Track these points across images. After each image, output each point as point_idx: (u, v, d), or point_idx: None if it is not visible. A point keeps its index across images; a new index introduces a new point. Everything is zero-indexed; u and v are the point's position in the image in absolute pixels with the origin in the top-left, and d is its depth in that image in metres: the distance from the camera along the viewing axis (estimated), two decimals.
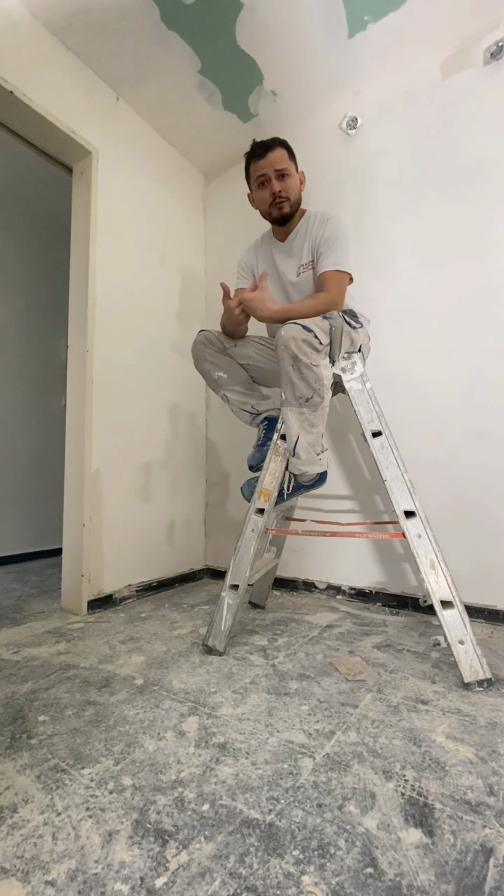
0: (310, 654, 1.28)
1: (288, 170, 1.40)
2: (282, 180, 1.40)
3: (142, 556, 1.98)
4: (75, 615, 1.68)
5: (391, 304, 1.83)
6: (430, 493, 1.62)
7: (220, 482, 2.35)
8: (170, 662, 1.23)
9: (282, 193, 1.39)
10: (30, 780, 0.75)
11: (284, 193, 1.40)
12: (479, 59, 1.69)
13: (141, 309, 2.06)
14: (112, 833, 0.63)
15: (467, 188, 1.69)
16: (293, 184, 1.42)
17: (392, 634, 1.46)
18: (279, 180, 1.39)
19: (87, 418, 1.76)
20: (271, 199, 1.41)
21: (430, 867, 0.57)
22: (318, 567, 1.96)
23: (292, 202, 1.42)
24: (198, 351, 1.45)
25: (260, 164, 1.39)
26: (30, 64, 1.63)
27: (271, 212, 1.44)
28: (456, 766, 0.78)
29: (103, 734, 0.88)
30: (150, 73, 1.89)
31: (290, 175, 1.41)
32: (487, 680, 1.06)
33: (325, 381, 1.21)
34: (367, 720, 0.93)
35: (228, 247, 2.37)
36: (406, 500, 1.17)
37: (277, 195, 1.40)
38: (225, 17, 1.66)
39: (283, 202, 1.41)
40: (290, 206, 1.42)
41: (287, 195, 1.40)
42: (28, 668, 1.19)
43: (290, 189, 1.41)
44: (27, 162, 2.43)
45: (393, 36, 1.74)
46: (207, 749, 0.83)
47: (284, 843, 0.61)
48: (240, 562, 1.29)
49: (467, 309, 1.67)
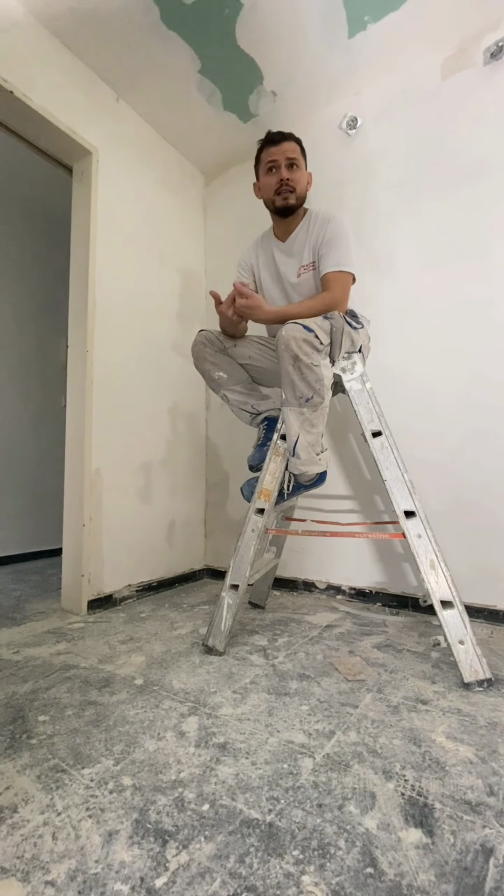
0: (310, 654, 1.28)
1: (299, 162, 1.41)
2: (291, 170, 1.41)
3: (142, 556, 1.98)
4: (75, 615, 1.68)
5: (391, 305, 1.83)
6: (430, 493, 1.62)
7: (220, 482, 2.35)
8: (170, 662, 1.23)
9: (289, 182, 1.40)
10: (30, 780, 0.75)
11: (292, 183, 1.41)
12: (479, 59, 1.69)
13: (141, 309, 2.06)
14: (112, 833, 0.63)
15: (467, 188, 1.69)
16: (301, 177, 1.43)
17: (392, 634, 1.46)
18: (289, 169, 1.40)
19: (87, 418, 1.76)
20: (278, 185, 1.41)
21: (430, 867, 0.57)
22: (318, 567, 1.96)
23: (297, 195, 1.42)
24: (198, 351, 1.45)
25: (273, 150, 1.41)
26: (30, 64, 1.63)
27: (275, 200, 1.44)
28: (456, 766, 0.78)
29: (103, 734, 0.88)
30: (150, 72, 1.89)
31: (300, 168, 1.42)
32: (487, 680, 1.06)
33: (326, 381, 1.21)
34: (367, 720, 0.93)
35: (228, 247, 2.37)
36: (406, 500, 1.17)
37: (285, 182, 1.40)
38: (225, 17, 1.66)
39: (289, 193, 1.41)
40: (294, 199, 1.42)
41: (294, 186, 1.41)
42: (28, 668, 1.19)
43: (298, 181, 1.42)
44: (27, 162, 2.43)
45: (393, 36, 1.74)
46: (207, 749, 0.83)
47: (284, 843, 0.61)
48: (240, 562, 1.29)
49: (467, 309, 1.67)
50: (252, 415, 1.54)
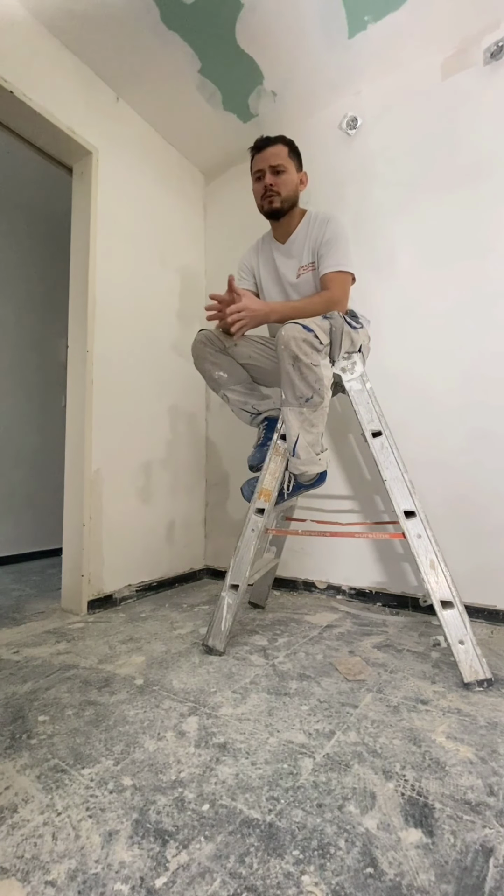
0: (310, 654, 1.28)
1: (283, 166, 1.41)
2: (276, 175, 1.41)
3: (142, 556, 1.98)
4: (75, 615, 1.68)
5: (391, 305, 1.83)
6: (430, 493, 1.62)
7: (220, 482, 2.35)
8: (170, 662, 1.23)
9: (273, 187, 1.41)
10: (30, 780, 0.75)
11: (276, 188, 1.41)
12: (479, 59, 1.69)
13: (141, 309, 2.05)
14: (112, 833, 0.63)
15: (467, 188, 1.69)
16: (287, 180, 1.42)
17: (392, 634, 1.46)
18: (273, 175, 1.41)
19: (87, 418, 1.76)
20: (263, 191, 1.43)
21: (430, 867, 0.57)
22: (318, 567, 1.96)
23: (283, 198, 1.43)
24: (198, 350, 1.45)
25: (258, 158, 1.43)
26: (30, 64, 1.63)
27: (262, 205, 1.46)
28: (456, 766, 0.78)
29: (103, 734, 0.88)
30: (150, 73, 1.89)
31: (286, 172, 1.42)
32: (487, 680, 1.06)
33: (326, 381, 1.21)
34: (367, 720, 0.93)
35: (228, 246, 2.37)
36: (406, 500, 1.17)
37: (269, 188, 1.41)
38: (225, 17, 1.66)
39: (274, 196, 1.42)
40: (280, 202, 1.43)
41: (278, 190, 1.41)
42: (28, 668, 1.19)
43: (283, 185, 1.42)
44: (27, 162, 2.43)
45: (393, 36, 1.74)
46: (207, 749, 0.83)
47: (284, 843, 0.61)
48: (240, 562, 1.29)
49: (467, 309, 1.67)
50: (252, 415, 1.54)
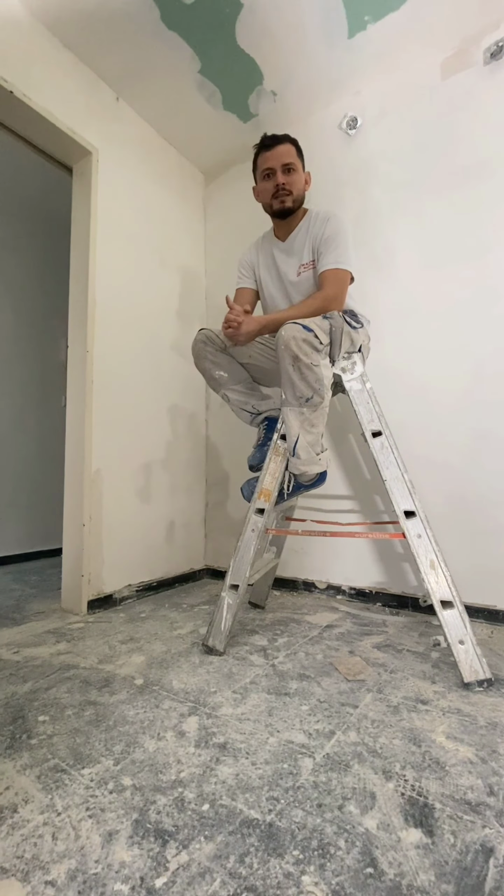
0: (310, 654, 1.28)
1: (294, 165, 1.41)
2: (287, 174, 1.41)
3: (142, 556, 1.98)
4: (75, 615, 1.68)
5: (391, 305, 1.83)
6: (430, 493, 1.62)
7: (220, 482, 2.35)
8: (170, 662, 1.23)
9: (285, 186, 1.41)
10: (30, 780, 0.75)
11: (288, 187, 1.41)
12: (479, 59, 1.69)
13: (141, 309, 2.05)
14: (112, 833, 0.63)
15: (468, 188, 1.69)
16: (297, 179, 1.43)
17: (392, 634, 1.46)
18: (285, 174, 1.41)
19: (87, 418, 1.76)
20: (274, 190, 1.42)
21: (430, 867, 0.57)
22: (318, 567, 1.96)
23: (294, 197, 1.43)
24: (198, 349, 1.45)
25: (267, 156, 1.41)
26: (30, 64, 1.63)
27: (272, 204, 1.45)
28: (456, 766, 0.78)
29: (103, 734, 0.88)
30: (150, 73, 1.89)
31: (296, 171, 1.42)
32: (487, 680, 1.06)
33: (326, 381, 1.21)
34: (367, 720, 0.93)
35: (228, 247, 2.37)
36: (406, 500, 1.17)
37: (281, 187, 1.41)
38: (225, 17, 1.66)
39: (286, 196, 1.42)
40: (291, 202, 1.43)
41: (290, 189, 1.41)
42: (28, 668, 1.19)
43: (294, 184, 1.42)
44: (27, 162, 2.43)
45: (393, 36, 1.74)
46: (207, 749, 0.83)
47: (284, 843, 0.61)
48: (240, 562, 1.29)
49: (467, 309, 1.67)
50: (252, 415, 1.54)
